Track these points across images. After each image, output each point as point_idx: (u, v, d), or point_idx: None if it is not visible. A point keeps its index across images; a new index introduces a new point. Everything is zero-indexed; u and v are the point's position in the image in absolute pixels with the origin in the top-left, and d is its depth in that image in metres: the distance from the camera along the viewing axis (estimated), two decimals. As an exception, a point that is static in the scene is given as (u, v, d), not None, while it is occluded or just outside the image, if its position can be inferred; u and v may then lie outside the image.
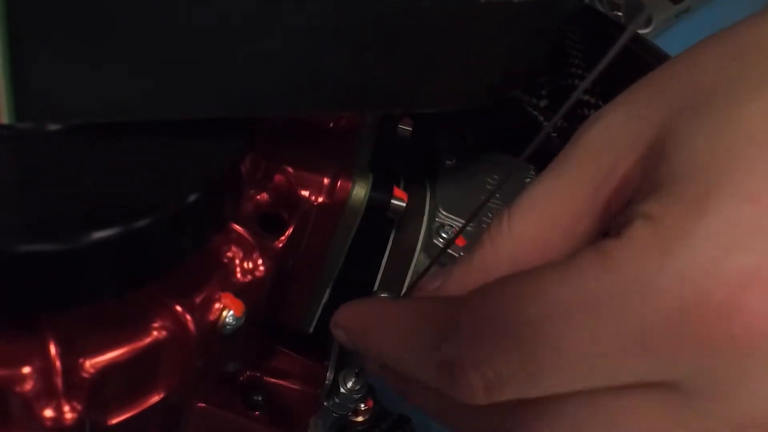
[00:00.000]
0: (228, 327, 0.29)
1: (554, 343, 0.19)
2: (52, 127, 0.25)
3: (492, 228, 0.24)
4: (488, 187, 0.39)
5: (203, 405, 0.36)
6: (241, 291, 0.30)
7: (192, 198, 0.25)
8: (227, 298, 0.30)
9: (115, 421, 0.28)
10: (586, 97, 0.39)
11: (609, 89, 0.41)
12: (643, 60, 0.40)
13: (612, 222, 0.21)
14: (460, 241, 0.36)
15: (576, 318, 0.18)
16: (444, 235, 0.36)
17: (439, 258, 0.36)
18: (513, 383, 0.20)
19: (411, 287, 0.37)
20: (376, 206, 0.35)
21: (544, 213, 0.22)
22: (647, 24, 0.69)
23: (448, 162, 0.40)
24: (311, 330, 0.40)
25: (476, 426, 0.24)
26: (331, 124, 0.38)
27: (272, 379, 0.44)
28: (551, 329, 0.19)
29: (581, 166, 0.22)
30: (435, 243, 0.36)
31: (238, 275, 0.31)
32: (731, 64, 0.20)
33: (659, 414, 0.20)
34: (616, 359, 0.19)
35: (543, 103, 0.42)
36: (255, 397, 0.43)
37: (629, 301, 0.18)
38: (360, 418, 0.42)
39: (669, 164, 0.19)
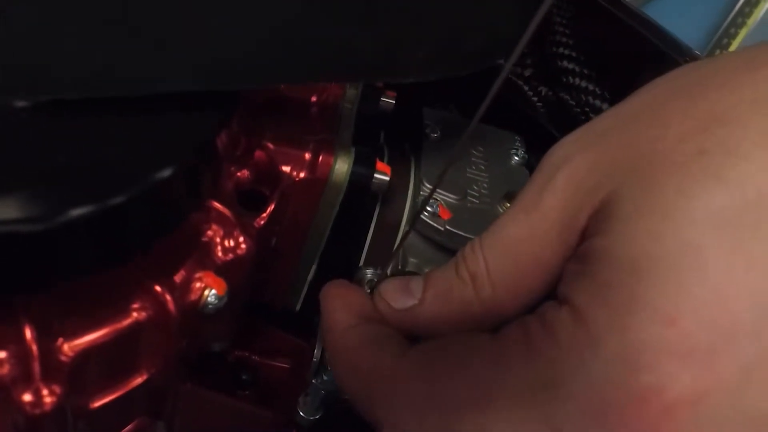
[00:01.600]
0: (210, 306, 0.29)
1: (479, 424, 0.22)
2: (20, 103, 0.24)
3: (468, 260, 0.25)
4: (473, 159, 0.39)
5: (191, 385, 0.36)
6: (222, 269, 0.30)
7: (166, 173, 0.24)
8: (209, 277, 0.29)
9: (97, 404, 0.28)
10: (571, 65, 0.39)
11: (593, 56, 0.40)
12: (626, 26, 0.39)
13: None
14: (445, 214, 0.35)
15: (499, 402, 0.21)
16: (429, 208, 0.35)
17: (416, 226, 0.36)
18: None
19: (395, 262, 0.37)
20: (359, 181, 0.34)
21: (519, 262, 0.24)
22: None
23: (432, 135, 0.40)
24: (298, 308, 0.40)
25: None
26: (313, 99, 0.37)
27: (260, 358, 0.43)
28: (476, 412, 0.22)
29: (548, 216, 0.23)
30: (421, 218, 0.36)
31: (219, 253, 0.30)
32: (695, 140, 0.21)
33: None
34: None
35: (528, 72, 0.41)
36: (243, 377, 0.43)
37: (546, 397, 0.21)
38: (349, 396, 0.42)
39: (608, 246, 0.21)
